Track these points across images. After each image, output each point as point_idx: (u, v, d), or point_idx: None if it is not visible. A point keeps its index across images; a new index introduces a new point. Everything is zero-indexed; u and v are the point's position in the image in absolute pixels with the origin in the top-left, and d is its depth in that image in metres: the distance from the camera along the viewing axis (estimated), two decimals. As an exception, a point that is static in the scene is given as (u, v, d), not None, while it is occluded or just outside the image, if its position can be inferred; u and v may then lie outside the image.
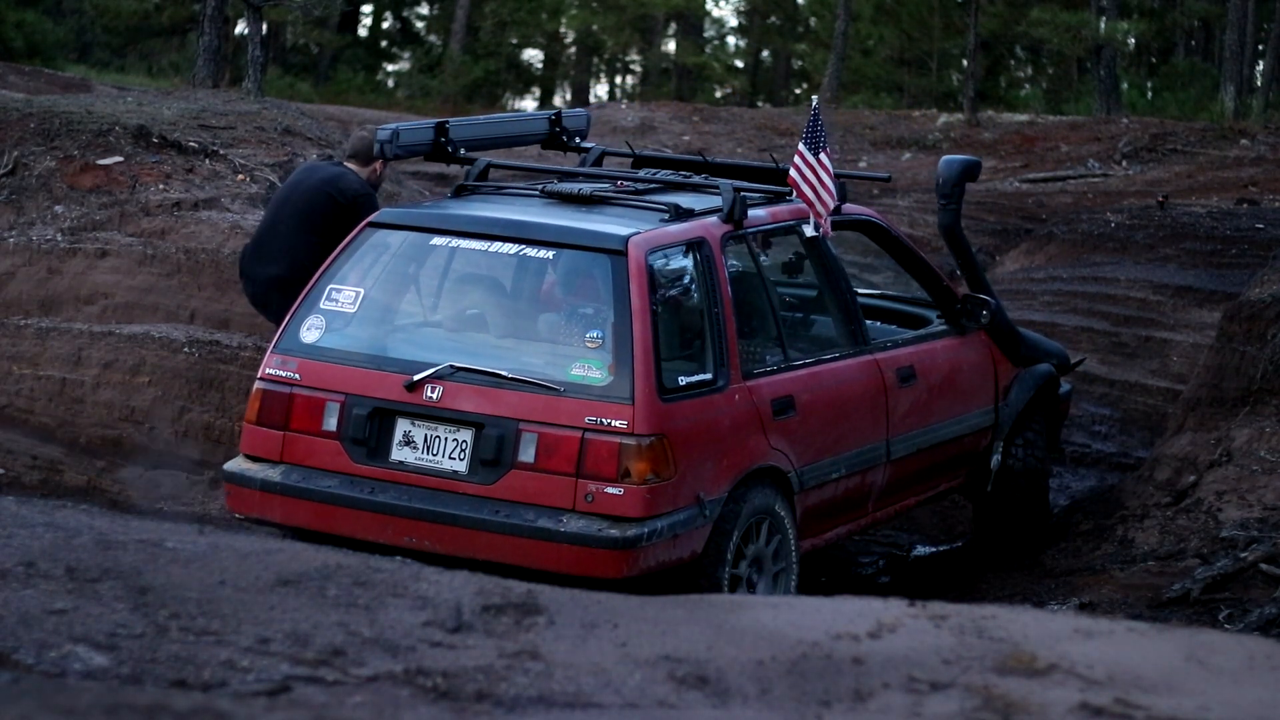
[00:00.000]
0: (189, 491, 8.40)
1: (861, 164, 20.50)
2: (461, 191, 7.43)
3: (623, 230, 6.70)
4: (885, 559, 8.95)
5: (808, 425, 7.07)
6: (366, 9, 43.80)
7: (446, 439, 6.56)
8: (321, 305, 6.85)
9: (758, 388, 6.84)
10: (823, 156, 7.15)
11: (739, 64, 42.40)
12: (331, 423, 6.64)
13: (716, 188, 7.21)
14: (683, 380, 6.55)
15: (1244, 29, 25.28)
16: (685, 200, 7.09)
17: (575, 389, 6.39)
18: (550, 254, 6.83)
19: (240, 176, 10.65)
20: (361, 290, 6.88)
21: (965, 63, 29.16)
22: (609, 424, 6.32)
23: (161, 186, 10.52)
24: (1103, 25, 26.13)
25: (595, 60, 44.70)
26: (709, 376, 6.65)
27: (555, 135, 8.35)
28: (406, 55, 43.52)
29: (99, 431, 8.77)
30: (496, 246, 6.82)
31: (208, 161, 10.81)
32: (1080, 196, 17.87)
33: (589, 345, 6.48)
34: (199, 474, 8.53)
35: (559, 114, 8.46)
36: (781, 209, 7.41)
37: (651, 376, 6.38)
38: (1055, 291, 12.70)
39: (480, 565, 6.27)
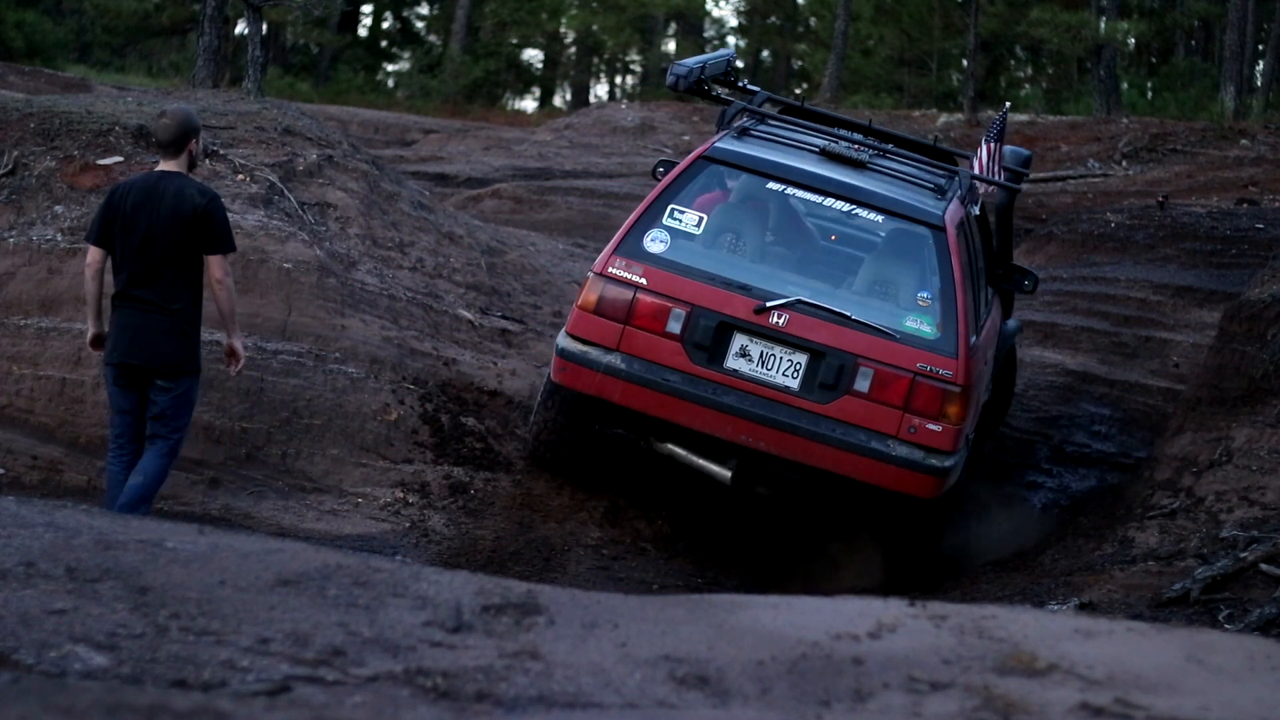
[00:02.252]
0: (189, 491, 8.40)
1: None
2: (744, 134, 8.34)
3: (934, 206, 7.82)
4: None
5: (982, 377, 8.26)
6: (366, 9, 43.80)
7: (782, 359, 7.65)
8: (664, 221, 7.81)
9: (980, 345, 8.01)
10: (994, 145, 8.30)
11: (739, 64, 42.39)
12: (676, 327, 7.68)
13: (949, 168, 8.39)
14: (973, 340, 7.67)
15: (1244, 29, 25.27)
16: (936, 178, 8.23)
17: (908, 338, 7.58)
18: (880, 218, 7.88)
19: (240, 176, 10.64)
20: (704, 216, 7.89)
21: (965, 63, 29.17)
22: (938, 372, 7.51)
23: (161, 186, 10.50)
24: (1103, 25, 26.15)
25: (595, 60, 44.68)
26: (976, 340, 7.79)
27: (727, 77, 9.36)
28: (406, 55, 43.55)
29: (99, 431, 8.76)
30: (829, 201, 7.92)
31: (208, 161, 10.80)
32: (1080, 196, 17.87)
33: (920, 304, 7.66)
34: (199, 474, 8.52)
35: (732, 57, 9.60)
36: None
37: (968, 336, 7.62)
38: (1055, 291, 12.69)
39: (804, 470, 7.60)
